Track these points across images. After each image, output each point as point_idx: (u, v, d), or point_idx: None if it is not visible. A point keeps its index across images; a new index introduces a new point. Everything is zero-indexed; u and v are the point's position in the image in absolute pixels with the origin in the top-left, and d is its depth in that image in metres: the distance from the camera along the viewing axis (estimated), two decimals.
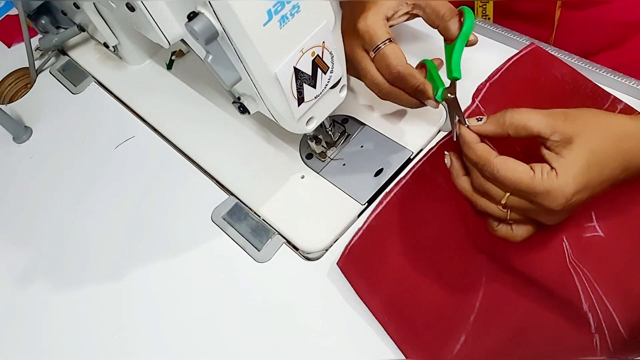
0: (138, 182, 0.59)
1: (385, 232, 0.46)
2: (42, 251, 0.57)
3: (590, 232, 0.42)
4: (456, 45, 0.45)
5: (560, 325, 0.41)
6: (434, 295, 0.44)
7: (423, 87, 0.45)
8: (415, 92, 0.46)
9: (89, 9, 0.60)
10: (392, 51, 0.45)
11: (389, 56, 0.44)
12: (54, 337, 0.51)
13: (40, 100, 0.71)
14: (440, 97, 0.45)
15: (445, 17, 0.45)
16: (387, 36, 0.45)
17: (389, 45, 0.45)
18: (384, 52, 0.45)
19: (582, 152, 0.37)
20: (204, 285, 0.50)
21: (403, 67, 0.45)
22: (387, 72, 0.45)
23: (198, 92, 0.63)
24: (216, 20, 0.36)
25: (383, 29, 0.45)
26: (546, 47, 0.55)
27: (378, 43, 0.45)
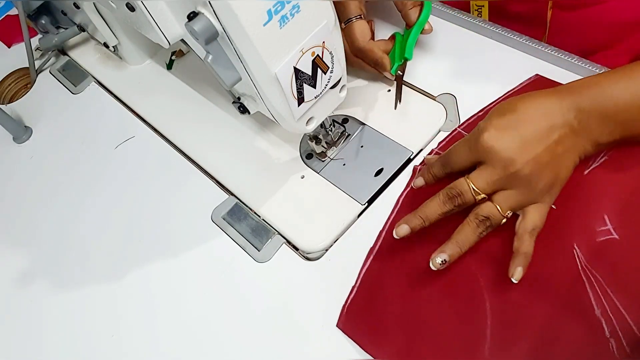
0: (138, 182, 0.59)
1: (379, 283, 0.46)
2: (42, 251, 0.57)
3: (604, 235, 0.42)
4: (413, 31, 0.53)
5: (575, 334, 0.40)
6: (443, 332, 0.43)
7: (381, 61, 0.53)
8: (375, 65, 0.54)
9: (89, 9, 0.60)
10: (358, 27, 0.52)
11: (354, 31, 0.53)
12: (54, 337, 0.51)
13: (40, 100, 0.71)
14: (394, 71, 0.53)
15: (407, 4, 0.53)
16: (358, 12, 0.53)
17: (358, 21, 0.53)
18: (351, 26, 0.53)
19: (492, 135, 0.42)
20: (204, 285, 0.50)
21: (365, 43, 0.53)
22: (351, 45, 0.53)
23: (198, 92, 0.63)
24: (216, 20, 0.36)
25: (356, 5, 0.53)
26: (545, 47, 0.55)
27: (349, 17, 0.53)
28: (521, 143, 0.40)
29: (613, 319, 0.39)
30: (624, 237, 0.42)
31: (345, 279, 0.47)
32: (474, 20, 0.60)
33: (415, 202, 0.46)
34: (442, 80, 0.56)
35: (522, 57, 0.56)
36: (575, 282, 0.41)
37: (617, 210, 0.43)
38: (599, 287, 0.40)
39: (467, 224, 0.43)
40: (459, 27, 0.60)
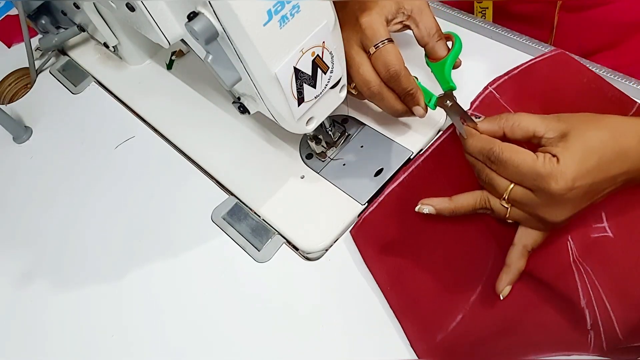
0: (138, 182, 0.59)
1: (399, 207, 0.48)
2: (43, 251, 0.57)
3: (598, 232, 0.43)
4: (447, 63, 0.47)
5: (556, 317, 0.41)
6: (438, 272, 0.45)
7: (415, 92, 0.46)
8: (405, 96, 0.47)
9: (89, 9, 0.60)
10: (393, 50, 0.45)
11: (389, 53, 0.45)
12: (55, 337, 0.51)
13: (40, 100, 0.71)
14: (433, 105, 0.47)
15: (434, 37, 0.47)
16: (388, 35, 0.45)
17: (390, 44, 0.45)
18: (385, 49, 0.45)
19: (579, 142, 0.37)
20: (204, 285, 0.50)
21: (401, 67, 0.45)
22: (384, 69, 0.45)
23: (198, 92, 0.63)
24: (216, 20, 0.36)
25: (385, 28, 0.46)
26: (546, 48, 0.55)
27: (380, 40, 0.45)
28: (583, 196, 0.38)
29: (597, 311, 0.40)
30: (618, 236, 0.42)
31: (345, 279, 0.47)
32: (474, 21, 0.60)
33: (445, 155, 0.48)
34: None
35: (524, 58, 0.55)
36: (565, 271, 0.41)
37: (614, 209, 0.43)
38: (588, 279, 0.41)
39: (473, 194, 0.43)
40: (460, 27, 0.60)
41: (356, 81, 0.47)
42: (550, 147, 0.38)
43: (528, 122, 0.40)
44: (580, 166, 0.37)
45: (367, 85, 0.46)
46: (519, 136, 0.40)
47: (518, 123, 0.40)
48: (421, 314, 0.44)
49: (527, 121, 0.40)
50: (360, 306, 0.45)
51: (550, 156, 0.37)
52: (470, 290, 0.44)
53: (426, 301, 0.44)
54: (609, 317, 0.39)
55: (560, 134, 0.38)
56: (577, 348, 0.40)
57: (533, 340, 0.41)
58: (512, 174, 0.39)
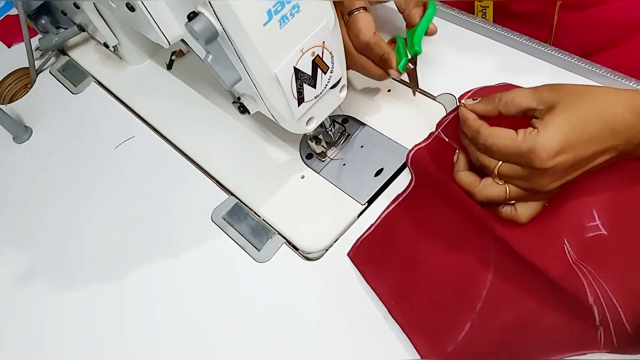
0: (138, 182, 0.59)
1: (395, 227, 0.48)
2: (43, 251, 0.57)
3: (592, 231, 0.42)
4: (418, 29, 0.50)
5: (564, 317, 0.41)
6: (441, 284, 0.45)
7: (387, 56, 0.48)
8: (380, 61, 0.49)
9: (89, 9, 0.60)
10: (363, 19, 0.47)
11: (359, 22, 0.47)
12: (54, 337, 0.51)
13: (40, 100, 0.71)
14: (402, 67, 0.50)
15: (410, 4, 0.50)
16: (363, 4, 0.48)
17: (362, 13, 0.47)
18: (356, 18, 0.47)
19: (563, 114, 0.38)
20: (204, 285, 0.50)
21: (371, 37, 0.48)
22: (356, 39, 0.48)
23: (198, 92, 0.63)
24: (216, 20, 0.36)
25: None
26: (546, 48, 0.55)
27: (353, 8, 0.47)
28: (570, 136, 0.37)
29: (605, 307, 0.40)
30: (612, 233, 0.42)
31: (345, 279, 0.47)
32: (474, 21, 0.60)
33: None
34: (442, 80, 0.56)
35: (523, 58, 0.56)
36: (568, 272, 0.41)
37: (605, 206, 0.43)
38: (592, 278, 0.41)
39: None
40: (460, 27, 0.60)
41: None
42: (538, 118, 0.39)
43: (520, 98, 0.40)
44: (561, 136, 0.37)
45: (347, 55, 0.48)
46: (514, 112, 0.41)
47: (511, 100, 0.41)
48: (429, 327, 0.43)
49: (520, 97, 0.40)
50: (360, 306, 0.45)
51: (531, 130, 0.38)
52: (475, 298, 0.43)
53: (432, 314, 0.44)
54: (617, 312, 0.39)
55: (548, 106, 0.39)
56: (588, 346, 0.40)
57: (544, 342, 0.41)
58: (498, 156, 0.40)
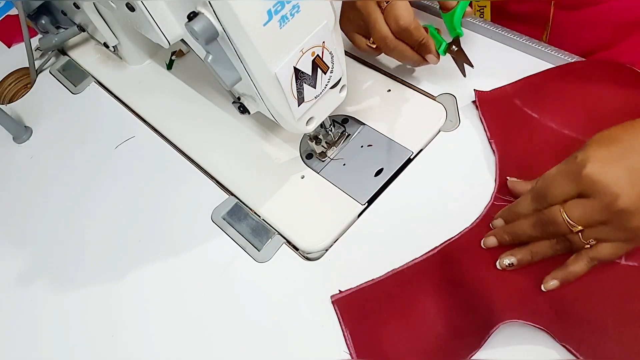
0: (138, 182, 0.59)
1: (392, 296, 0.45)
2: (42, 251, 0.57)
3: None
4: (457, 11, 0.51)
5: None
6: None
7: (426, 41, 0.49)
8: (419, 47, 0.50)
9: (89, 9, 0.60)
10: (403, 4, 0.48)
11: (398, 7, 0.48)
12: (54, 337, 0.51)
13: (40, 100, 0.71)
14: (443, 51, 0.51)
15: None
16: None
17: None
18: (396, 3, 0.48)
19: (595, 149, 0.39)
20: (204, 285, 0.50)
21: (410, 21, 0.48)
22: (395, 24, 0.48)
23: (198, 92, 0.63)
24: (216, 20, 0.36)
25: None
26: (545, 47, 0.55)
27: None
28: (630, 175, 0.37)
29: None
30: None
31: (345, 279, 0.47)
32: (474, 21, 0.60)
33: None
34: (442, 80, 0.56)
35: (523, 57, 0.56)
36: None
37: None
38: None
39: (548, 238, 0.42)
40: None
41: (374, 37, 0.50)
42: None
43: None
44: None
45: (384, 40, 0.49)
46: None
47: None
48: None
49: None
50: None
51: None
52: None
53: None
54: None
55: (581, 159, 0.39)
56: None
57: None
58: (559, 192, 0.40)
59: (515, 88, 0.52)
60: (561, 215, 0.40)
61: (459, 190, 0.49)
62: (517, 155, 0.49)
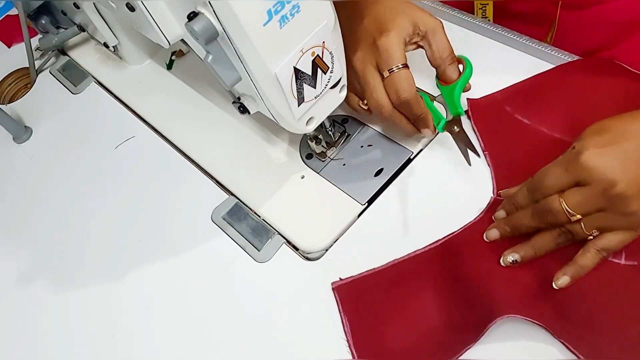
0: (138, 182, 0.59)
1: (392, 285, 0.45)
2: (42, 251, 0.57)
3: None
4: (457, 87, 0.48)
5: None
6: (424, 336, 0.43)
7: (425, 116, 0.47)
8: (416, 120, 0.48)
9: (89, 9, 0.60)
10: (405, 76, 0.45)
11: (402, 80, 0.45)
12: (54, 337, 0.51)
13: (40, 100, 0.71)
14: (441, 128, 0.49)
15: (447, 60, 0.47)
16: (404, 60, 0.45)
17: (404, 70, 0.45)
18: (398, 75, 0.45)
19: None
20: (204, 285, 0.50)
21: (412, 94, 0.45)
22: (395, 95, 0.46)
23: (198, 92, 0.63)
24: (216, 20, 0.36)
25: (402, 52, 0.45)
26: (545, 47, 0.55)
27: (394, 64, 0.45)
28: (624, 161, 0.38)
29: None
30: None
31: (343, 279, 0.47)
32: (474, 20, 0.60)
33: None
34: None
35: (523, 57, 0.56)
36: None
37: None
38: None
39: (549, 231, 0.42)
40: (459, 27, 0.60)
41: (369, 103, 0.48)
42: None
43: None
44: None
45: (379, 108, 0.47)
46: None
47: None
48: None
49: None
50: None
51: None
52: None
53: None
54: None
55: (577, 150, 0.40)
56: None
57: None
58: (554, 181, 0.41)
59: (504, 95, 0.53)
60: (560, 204, 0.40)
61: (458, 190, 0.49)
62: (512, 163, 0.49)
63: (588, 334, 0.40)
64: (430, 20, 0.46)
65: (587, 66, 0.52)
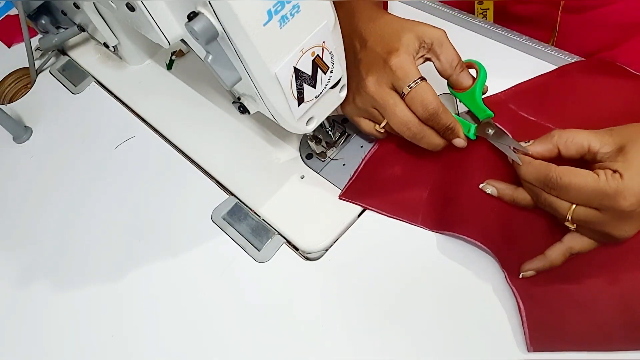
0: (138, 182, 0.59)
1: (384, 161, 0.51)
2: (42, 251, 0.57)
3: None
4: (476, 91, 0.47)
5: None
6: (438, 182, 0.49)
7: (454, 125, 0.46)
8: (445, 131, 0.46)
9: (89, 9, 0.60)
10: (428, 88, 0.44)
11: (425, 92, 0.44)
12: (54, 337, 0.51)
13: (40, 100, 0.71)
14: (473, 135, 0.48)
15: (457, 69, 0.47)
16: (420, 74, 0.45)
17: (423, 83, 0.44)
18: (419, 88, 0.44)
19: (638, 154, 0.37)
20: (204, 285, 0.50)
21: (439, 104, 0.45)
22: (422, 109, 0.44)
23: (198, 92, 0.63)
24: (216, 20, 0.36)
25: (416, 67, 0.45)
26: (546, 48, 0.55)
27: (412, 80, 0.44)
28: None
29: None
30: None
31: (345, 279, 0.47)
32: (475, 21, 0.60)
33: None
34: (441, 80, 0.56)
35: (523, 58, 0.56)
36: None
37: None
38: None
39: (536, 194, 0.42)
40: (460, 27, 0.60)
41: (393, 123, 0.46)
42: (608, 162, 0.38)
43: (582, 137, 0.40)
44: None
45: (406, 125, 0.45)
46: (573, 152, 0.40)
47: (572, 139, 0.40)
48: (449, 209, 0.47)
49: (581, 136, 0.40)
50: (360, 306, 0.45)
51: (611, 172, 0.37)
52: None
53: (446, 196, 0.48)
54: None
55: (617, 147, 0.38)
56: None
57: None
58: (575, 197, 0.38)
59: (508, 94, 0.53)
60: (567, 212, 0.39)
61: None
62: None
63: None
64: (435, 32, 0.46)
65: (589, 66, 0.53)
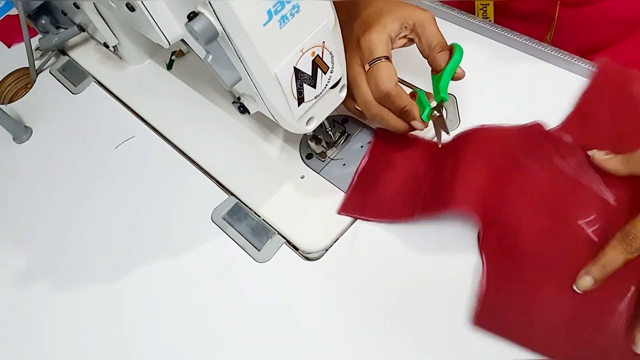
0: (138, 182, 0.59)
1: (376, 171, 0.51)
2: (42, 251, 0.57)
3: None
4: (443, 75, 0.47)
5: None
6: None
7: (409, 107, 0.46)
8: (402, 113, 0.46)
9: (89, 9, 0.60)
10: (385, 68, 0.44)
11: (380, 72, 0.44)
12: (54, 337, 0.51)
13: (40, 100, 0.71)
14: (426, 117, 0.47)
15: (435, 49, 0.46)
16: (385, 53, 0.45)
17: (384, 62, 0.44)
18: (377, 67, 0.44)
19: None
20: (204, 285, 0.50)
21: (391, 86, 0.44)
22: (374, 88, 0.45)
23: (198, 92, 0.63)
24: (216, 20, 0.36)
25: (383, 47, 0.45)
26: (545, 47, 0.55)
27: (374, 57, 0.45)
28: None
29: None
30: None
31: (345, 279, 0.47)
32: (475, 21, 0.60)
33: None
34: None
35: (523, 57, 0.56)
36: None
37: None
38: None
39: (617, 244, 0.40)
40: (459, 27, 0.60)
41: (358, 103, 0.47)
42: None
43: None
44: None
45: (366, 106, 0.46)
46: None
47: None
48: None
49: None
50: (360, 306, 0.45)
51: None
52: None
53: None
54: None
55: None
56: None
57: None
58: None
59: (561, 130, 0.50)
60: None
61: None
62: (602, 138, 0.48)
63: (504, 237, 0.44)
64: (419, 13, 0.46)
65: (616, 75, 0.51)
